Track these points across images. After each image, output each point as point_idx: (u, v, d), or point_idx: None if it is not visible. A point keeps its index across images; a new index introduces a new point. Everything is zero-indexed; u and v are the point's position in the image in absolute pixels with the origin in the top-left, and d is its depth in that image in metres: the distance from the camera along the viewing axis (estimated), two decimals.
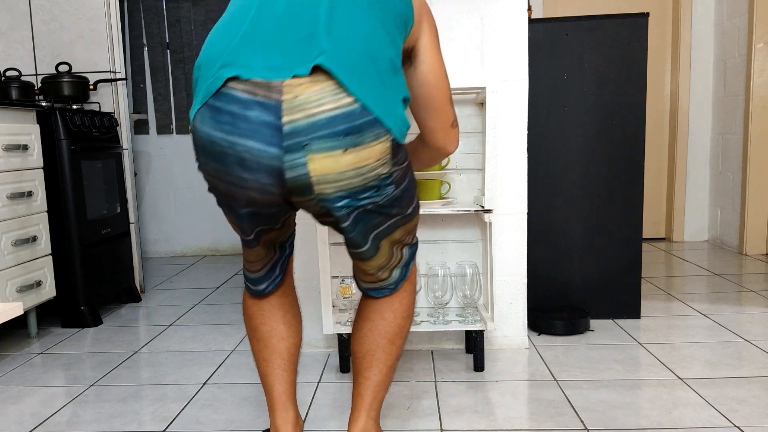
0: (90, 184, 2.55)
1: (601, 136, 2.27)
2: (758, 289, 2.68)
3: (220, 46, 1.01)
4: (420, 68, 1.21)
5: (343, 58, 0.96)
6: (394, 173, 1.06)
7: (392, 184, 1.07)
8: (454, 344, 2.07)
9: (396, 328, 1.26)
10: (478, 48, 1.96)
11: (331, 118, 0.95)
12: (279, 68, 0.95)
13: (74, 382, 1.89)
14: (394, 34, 1.08)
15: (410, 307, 1.29)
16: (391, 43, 1.05)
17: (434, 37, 1.22)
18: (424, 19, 1.19)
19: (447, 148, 1.32)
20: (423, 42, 1.20)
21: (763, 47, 3.34)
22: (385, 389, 1.27)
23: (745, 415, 1.51)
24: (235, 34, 1.01)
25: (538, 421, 1.52)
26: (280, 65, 0.95)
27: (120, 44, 2.94)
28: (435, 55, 1.22)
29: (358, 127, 0.96)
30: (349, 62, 0.96)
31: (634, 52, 2.23)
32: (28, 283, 2.25)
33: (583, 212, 2.31)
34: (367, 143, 0.98)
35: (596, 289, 2.33)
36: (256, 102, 0.94)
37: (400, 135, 1.04)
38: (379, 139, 0.99)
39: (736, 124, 3.55)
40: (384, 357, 1.25)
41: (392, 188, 1.07)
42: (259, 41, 0.98)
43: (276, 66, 0.95)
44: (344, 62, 0.96)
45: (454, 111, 1.29)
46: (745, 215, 3.45)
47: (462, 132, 2.00)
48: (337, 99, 0.95)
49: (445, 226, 2.02)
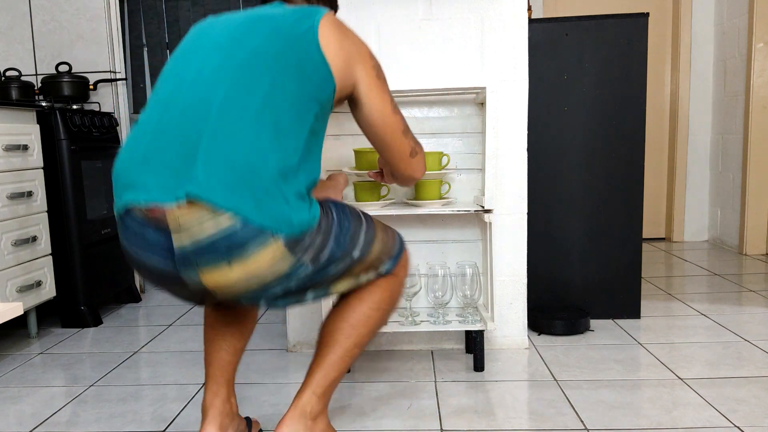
0: (90, 184, 2.55)
1: (601, 136, 2.27)
2: (758, 289, 2.68)
3: (125, 161, 1.10)
4: (363, 111, 1.25)
5: (220, 180, 1.02)
6: (303, 258, 1.10)
7: (304, 265, 1.11)
8: (454, 344, 2.07)
9: (360, 315, 1.27)
10: (478, 48, 1.96)
11: (213, 240, 1.02)
12: (168, 188, 1.03)
13: (74, 382, 1.89)
14: (304, 113, 1.11)
15: (382, 300, 1.29)
16: (288, 138, 1.08)
17: (373, 78, 1.22)
18: (356, 66, 1.20)
19: (412, 175, 1.38)
20: (361, 87, 1.22)
21: (763, 47, 3.34)
22: (337, 371, 1.27)
23: (745, 415, 1.51)
24: (136, 150, 1.09)
25: (538, 421, 1.52)
26: (169, 185, 1.03)
27: (120, 44, 2.94)
28: (376, 95, 1.23)
29: (239, 242, 1.03)
30: (226, 181, 1.02)
31: (634, 52, 2.23)
32: (28, 283, 2.25)
33: (583, 212, 2.31)
34: (253, 253, 1.04)
35: (596, 289, 2.32)
36: (150, 225, 1.06)
37: (298, 231, 1.07)
38: (265, 246, 1.04)
39: (736, 124, 3.55)
40: (342, 339, 1.26)
41: (308, 268, 1.12)
42: (153, 160, 1.06)
43: (166, 186, 1.03)
44: (220, 183, 1.02)
45: (410, 141, 1.32)
46: (745, 215, 3.45)
47: (462, 132, 2.00)
48: (216, 221, 1.01)
49: (445, 226, 2.02)
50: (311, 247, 1.10)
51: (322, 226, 1.13)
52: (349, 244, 1.18)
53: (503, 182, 2.00)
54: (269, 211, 1.03)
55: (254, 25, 1.14)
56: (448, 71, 1.97)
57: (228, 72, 1.08)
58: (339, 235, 1.17)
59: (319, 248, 1.12)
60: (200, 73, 1.10)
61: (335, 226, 1.17)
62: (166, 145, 1.06)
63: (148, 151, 1.07)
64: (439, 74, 1.97)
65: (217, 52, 1.11)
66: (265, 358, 2.03)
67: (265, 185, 1.04)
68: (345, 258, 1.18)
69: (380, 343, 2.08)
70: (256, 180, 1.03)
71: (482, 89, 1.79)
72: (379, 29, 1.97)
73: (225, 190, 1.02)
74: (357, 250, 1.20)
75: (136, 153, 1.09)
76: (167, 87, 1.13)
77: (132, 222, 1.07)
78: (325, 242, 1.13)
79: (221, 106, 1.05)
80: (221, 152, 1.03)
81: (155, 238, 1.05)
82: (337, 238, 1.16)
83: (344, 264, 1.18)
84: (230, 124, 1.05)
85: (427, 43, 1.96)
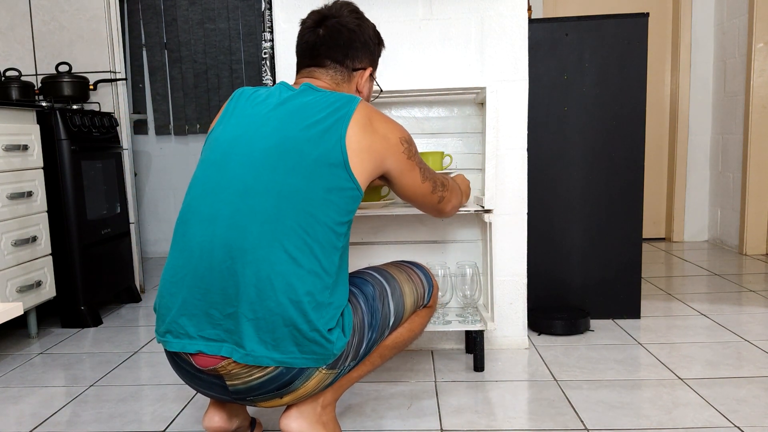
0: (90, 184, 2.55)
1: (601, 136, 2.27)
2: (758, 289, 2.68)
3: (165, 306, 1.17)
4: (395, 188, 1.33)
5: (260, 338, 1.09)
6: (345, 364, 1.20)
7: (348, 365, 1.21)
8: (454, 344, 2.07)
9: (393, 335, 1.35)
10: (478, 48, 1.96)
11: (263, 382, 1.13)
12: (213, 340, 1.12)
13: (74, 382, 1.89)
14: (334, 238, 1.16)
15: (417, 324, 1.39)
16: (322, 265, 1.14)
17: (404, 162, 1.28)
18: (387, 160, 1.24)
19: (440, 216, 1.52)
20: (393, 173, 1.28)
21: (763, 47, 3.34)
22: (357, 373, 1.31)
23: (745, 415, 1.51)
24: (176, 296, 1.15)
25: (538, 421, 1.52)
26: (213, 336, 1.12)
27: (120, 44, 2.94)
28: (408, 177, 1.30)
29: (287, 381, 1.13)
30: (266, 339, 1.09)
31: (634, 52, 2.23)
32: (28, 283, 2.25)
33: (583, 212, 2.30)
34: (301, 385, 1.15)
35: (596, 289, 2.32)
36: (202, 371, 1.15)
37: (335, 355, 1.15)
38: (310, 378, 1.14)
39: (736, 124, 3.55)
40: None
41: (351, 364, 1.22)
42: (193, 312, 1.13)
43: (210, 337, 1.12)
44: (261, 342, 1.10)
45: (438, 194, 1.40)
46: (745, 215, 3.45)
47: (462, 132, 2.00)
48: (264, 370, 1.11)
49: (445, 226, 2.02)
50: (350, 352, 1.19)
51: (356, 329, 1.20)
52: (382, 322, 1.27)
53: (503, 182, 2.00)
54: (310, 352, 1.11)
55: (282, 155, 1.15)
56: (448, 71, 1.97)
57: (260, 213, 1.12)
58: (372, 321, 1.24)
59: (358, 347, 1.21)
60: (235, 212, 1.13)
61: (366, 317, 1.23)
62: (204, 299, 1.12)
63: (186, 302, 1.14)
64: (439, 74, 1.97)
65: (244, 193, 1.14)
66: None
67: (304, 333, 1.10)
68: (384, 331, 1.28)
69: None
70: (295, 331, 1.10)
71: (482, 89, 1.79)
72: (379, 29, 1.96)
73: (266, 348, 1.10)
74: (391, 317, 1.29)
75: (176, 298, 1.15)
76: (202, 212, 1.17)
77: (182, 363, 1.17)
78: (361, 339, 1.22)
79: (255, 249, 1.10)
80: (262, 306, 1.09)
81: (209, 379, 1.16)
82: (371, 325, 1.24)
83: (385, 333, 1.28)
84: (267, 280, 1.09)
85: (427, 43, 1.96)
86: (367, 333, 1.22)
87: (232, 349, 1.10)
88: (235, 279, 1.10)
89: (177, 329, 1.14)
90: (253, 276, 1.09)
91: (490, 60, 1.96)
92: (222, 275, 1.11)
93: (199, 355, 1.13)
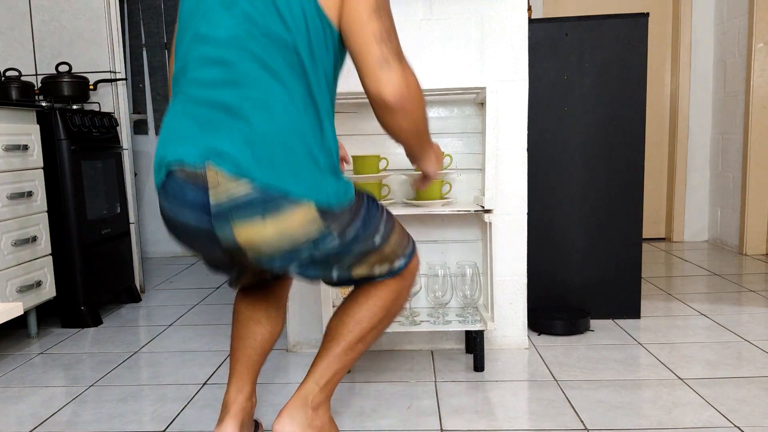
0: (90, 184, 2.55)
1: (601, 136, 2.27)
2: (758, 289, 2.68)
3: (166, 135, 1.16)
4: (342, 23, 1.12)
5: (260, 157, 1.08)
6: (331, 227, 1.14)
7: (331, 235, 1.15)
8: (454, 344, 2.07)
9: (365, 312, 1.29)
10: (478, 48, 1.96)
11: (250, 198, 1.07)
12: (208, 150, 1.09)
13: (74, 382, 1.89)
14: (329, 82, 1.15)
15: (387, 299, 1.30)
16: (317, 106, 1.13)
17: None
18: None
19: (379, 94, 1.11)
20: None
21: (763, 47, 3.34)
22: (340, 363, 1.28)
23: (745, 415, 1.51)
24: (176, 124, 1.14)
25: (538, 421, 1.52)
26: (209, 147, 1.09)
27: (120, 44, 2.94)
28: (352, 3, 1.10)
29: (274, 200, 1.08)
30: (266, 157, 1.08)
31: (634, 52, 2.23)
32: (28, 283, 2.25)
33: (583, 212, 2.31)
34: (287, 211, 1.08)
35: (596, 289, 2.32)
36: (189, 183, 1.10)
37: (334, 203, 1.12)
38: (299, 205, 1.09)
39: (736, 124, 3.55)
40: (345, 333, 1.28)
41: (334, 239, 1.16)
42: (186, 129, 1.12)
43: (206, 148, 1.09)
44: (261, 160, 1.07)
45: (384, 49, 1.11)
46: (745, 215, 3.45)
47: (462, 132, 2.00)
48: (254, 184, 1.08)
49: (445, 226, 2.02)
50: (340, 220, 1.15)
51: (354, 206, 1.18)
52: (373, 228, 1.22)
53: (503, 182, 2.00)
54: (305, 179, 1.09)
55: None
56: (448, 71, 1.97)
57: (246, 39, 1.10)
58: (366, 216, 1.21)
59: (347, 224, 1.16)
60: (219, 36, 1.12)
61: (364, 209, 1.22)
62: (202, 109, 1.10)
63: (184, 118, 1.12)
64: (439, 74, 1.97)
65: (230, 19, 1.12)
66: None
67: (300, 161, 1.09)
68: (367, 240, 1.21)
69: (380, 343, 2.08)
70: (293, 156, 1.08)
71: (482, 89, 1.79)
72: None
73: (265, 166, 1.07)
74: (378, 236, 1.24)
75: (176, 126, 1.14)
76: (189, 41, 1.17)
77: (173, 183, 1.12)
78: (352, 220, 1.18)
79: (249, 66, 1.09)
80: (259, 124, 1.07)
81: (193, 195, 1.09)
82: (364, 219, 1.21)
83: (365, 246, 1.21)
84: (263, 91, 1.08)
85: (427, 43, 1.96)
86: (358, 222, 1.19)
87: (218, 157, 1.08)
88: (231, 94, 1.10)
89: (177, 144, 1.14)
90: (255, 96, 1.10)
91: (490, 60, 1.96)
92: (219, 89, 1.12)
93: (191, 166, 1.09)
